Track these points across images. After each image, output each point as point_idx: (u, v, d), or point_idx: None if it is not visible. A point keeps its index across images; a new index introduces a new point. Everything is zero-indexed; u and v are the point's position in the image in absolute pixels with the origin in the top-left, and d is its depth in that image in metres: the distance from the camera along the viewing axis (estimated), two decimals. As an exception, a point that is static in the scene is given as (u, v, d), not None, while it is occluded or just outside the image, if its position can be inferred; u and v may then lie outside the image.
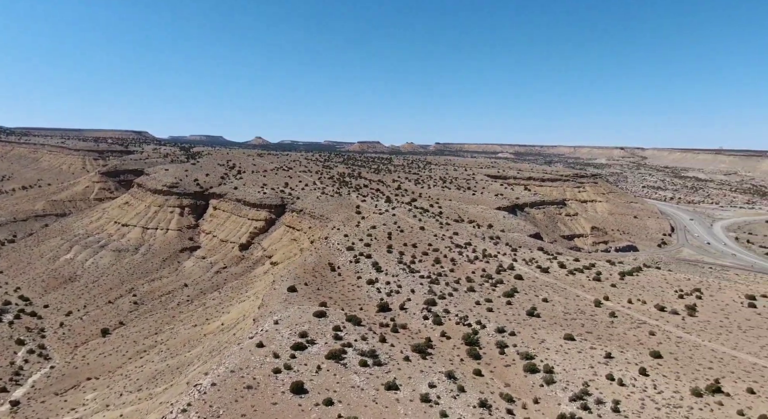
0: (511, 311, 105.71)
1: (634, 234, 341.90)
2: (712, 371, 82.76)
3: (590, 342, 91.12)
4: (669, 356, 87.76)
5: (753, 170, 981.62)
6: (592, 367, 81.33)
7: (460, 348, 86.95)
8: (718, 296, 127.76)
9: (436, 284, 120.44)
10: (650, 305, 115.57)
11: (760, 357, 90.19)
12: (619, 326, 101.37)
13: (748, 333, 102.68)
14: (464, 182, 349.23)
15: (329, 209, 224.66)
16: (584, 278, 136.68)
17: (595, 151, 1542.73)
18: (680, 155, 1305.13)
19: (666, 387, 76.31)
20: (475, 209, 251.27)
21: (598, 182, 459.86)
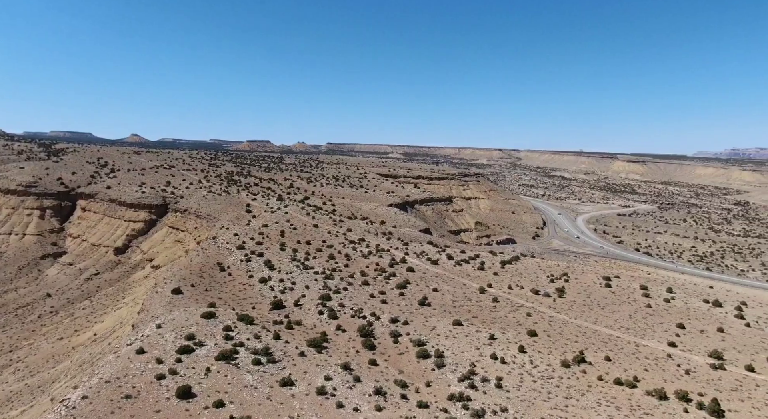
0: (404, 302, 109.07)
1: (512, 228, 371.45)
2: (578, 344, 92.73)
3: (476, 326, 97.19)
4: (543, 334, 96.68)
5: (607, 170, 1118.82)
6: (478, 349, 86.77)
7: (355, 340, 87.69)
8: (581, 279, 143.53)
9: (331, 279, 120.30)
10: (527, 290, 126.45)
11: (615, 329, 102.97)
12: (501, 310, 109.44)
13: (605, 309, 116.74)
14: (357, 181, 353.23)
15: (217, 209, 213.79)
16: (470, 268, 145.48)
17: (477, 152, 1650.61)
18: (549, 157, 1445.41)
19: (540, 361, 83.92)
20: (367, 206, 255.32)
21: (480, 181, 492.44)
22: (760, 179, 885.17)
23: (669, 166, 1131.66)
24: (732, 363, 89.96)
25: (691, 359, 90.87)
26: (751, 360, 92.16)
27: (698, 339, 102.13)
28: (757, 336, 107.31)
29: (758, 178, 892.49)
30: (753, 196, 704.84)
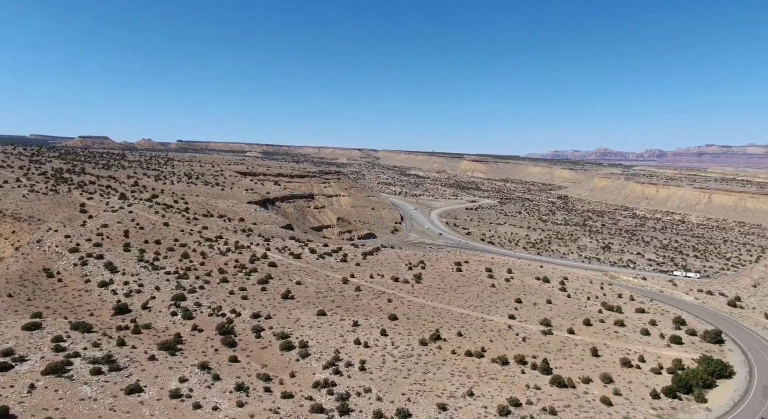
0: (267, 297, 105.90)
1: (373, 223, 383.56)
2: (434, 323, 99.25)
3: (340, 315, 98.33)
4: (403, 317, 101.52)
5: (456, 168, 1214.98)
6: (342, 336, 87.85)
7: (214, 338, 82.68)
8: (436, 265, 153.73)
9: (185, 278, 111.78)
10: (388, 278, 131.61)
11: (465, 308, 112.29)
12: (363, 298, 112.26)
13: (456, 291, 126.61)
14: (212, 178, 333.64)
15: (42, 209, 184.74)
16: (333, 260, 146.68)
17: (337, 151, 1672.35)
18: (405, 157, 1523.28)
19: (401, 341, 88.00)
20: (225, 203, 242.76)
21: (341, 179, 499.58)
22: (575, 176, 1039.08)
23: (507, 165, 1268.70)
24: (557, 328, 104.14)
25: (527, 328, 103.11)
26: (572, 324, 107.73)
27: (532, 310, 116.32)
28: (575, 304, 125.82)
29: (573, 175, 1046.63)
30: (570, 190, 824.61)
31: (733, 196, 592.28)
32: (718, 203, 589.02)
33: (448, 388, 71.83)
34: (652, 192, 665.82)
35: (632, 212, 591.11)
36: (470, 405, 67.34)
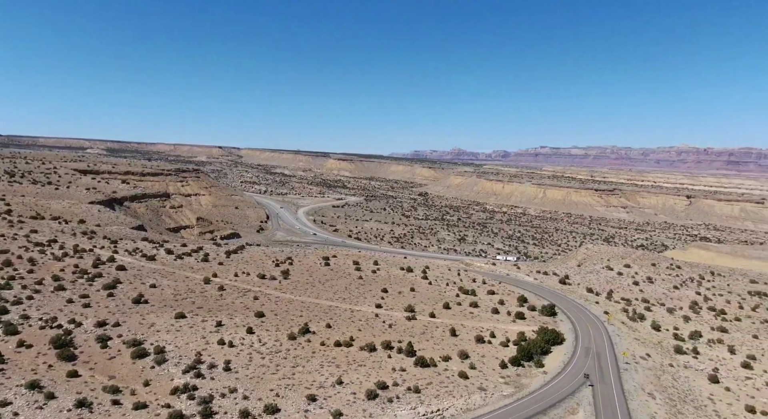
0: (115, 303, 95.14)
1: (237, 223, 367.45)
2: (302, 318, 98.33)
3: (201, 316, 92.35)
4: (270, 313, 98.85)
5: (322, 167, 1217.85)
6: (204, 338, 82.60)
7: (47, 353, 71.85)
8: (304, 261, 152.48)
9: (8, 289, 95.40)
10: (254, 276, 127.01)
11: (334, 300, 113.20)
12: (227, 297, 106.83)
13: (325, 284, 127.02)
14: (43, 177, 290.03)
15: None
16: (193, 260, 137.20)
17: (195, 149, 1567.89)
18: (270, 155, 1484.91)
19: (269, 338, 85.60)
20: (60, 204, 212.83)
21: (200, 177, 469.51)
22: (434, 174, 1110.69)
23: (371, 164, 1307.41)
24: (421, 313, 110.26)
25: (393, 315, 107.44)
26: (433, 308, 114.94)
27: (398, 298, 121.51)
28: (436, 290, 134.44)
29: (433, 173, 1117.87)
30: (430, 188, 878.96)
31: (562, 191, 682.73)
32: (551, 197, 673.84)
33: (318, 379, 71.73)
34: (499, 188, 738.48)
35: (483, 207, 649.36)
36: (339, 393, 68.03)
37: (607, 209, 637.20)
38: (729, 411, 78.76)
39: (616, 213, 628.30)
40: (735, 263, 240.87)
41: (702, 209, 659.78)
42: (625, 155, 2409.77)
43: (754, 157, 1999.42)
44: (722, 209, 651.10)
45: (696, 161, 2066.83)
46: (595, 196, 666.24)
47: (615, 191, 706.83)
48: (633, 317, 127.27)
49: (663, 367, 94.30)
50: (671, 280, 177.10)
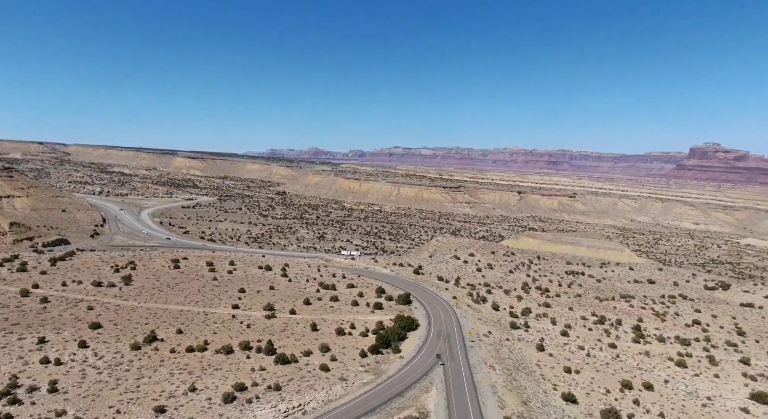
0: None
1: (65, 228, 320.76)
2: (149, 325, 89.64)
3: (18, 334, 78.76)
4: (109, 323, 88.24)
5: (168, 165, 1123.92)
6: (21, 358, 70.58)
7: None
8: (150, 265, 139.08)
9: None
10: (87, 284, 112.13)
11: (185, 305, 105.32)
12: (53, 309, 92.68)
13: (175, 288, 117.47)
14: None
15: None
16: (5, 271, 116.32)
17: (6, 145, 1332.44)
18: (105, 152, 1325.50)
19: (107, 351, 76.34)
20: None
21: (14, 177, 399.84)
22: (292, 173, 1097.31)
23: (224, 162, 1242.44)
24: (281, 311, 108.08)
25: (251, 315, 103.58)
26: (294, 305, 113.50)
27: (256, 298, 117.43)
28: (297, 287, 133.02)
29: (290, 172, 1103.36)
30: (288, 186, 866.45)
31: (415, 188, 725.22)
32: (404, 194, 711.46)
33: (168, 388, 65.99)
34: (357, 187, 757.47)
35: (341, 205, 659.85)
36: (193, 401, 63.46)
37: (454, 205, 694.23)
38: (552, 373, 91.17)
39: (462, 208, 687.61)
40: (555, 248, 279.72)
41: (530, 203, 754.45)
42: (467, 156, 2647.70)
43: (568, 158, 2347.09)
44: (545, 202, 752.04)
45: (524, 161, 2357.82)
46: (444, 193, 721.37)
47: (460, 188, 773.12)
48: (477, 299, 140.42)
49: (501, 342, 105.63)
50: (507, 265, 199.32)
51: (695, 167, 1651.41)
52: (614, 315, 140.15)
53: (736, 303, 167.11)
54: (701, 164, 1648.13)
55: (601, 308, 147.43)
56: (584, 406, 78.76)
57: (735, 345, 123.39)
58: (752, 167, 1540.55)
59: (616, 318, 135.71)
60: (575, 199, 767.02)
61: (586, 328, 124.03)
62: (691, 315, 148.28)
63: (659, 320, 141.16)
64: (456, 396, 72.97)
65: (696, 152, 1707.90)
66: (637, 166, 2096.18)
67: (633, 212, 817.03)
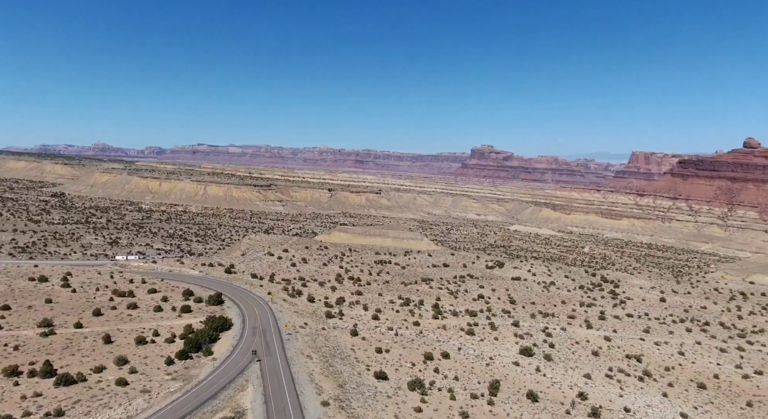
0: None
1: None
2: None
3: None
4: None
5: None
6: None
7: None
8: None
9: None
10: None
11: None
12: None
13: None
14: None
15: None
16: None
17: None
18: None
19: None
20: None
21: None
22: (72, 171, 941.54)
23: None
24: (63, 326, 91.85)
25: (20, 334, 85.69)
26: (80, 318, 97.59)
27: (27, 314, 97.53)
28: (83, 297, 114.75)
29: (70, 171, 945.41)
30: (68, 187, 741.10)
31: (223, 187, 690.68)
32: (212, 194, 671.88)
33: None
34: (156, 186, 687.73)
35: (138, 206, 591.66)
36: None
37: (266, 204, 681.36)
38: (365, 355, 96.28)
39: (274, 207, 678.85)
40: (365, 241, 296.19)
41: (340, 200, 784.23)
42: (278, 154, 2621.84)
43: (373, 157, 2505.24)
44: (354, 199, 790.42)
45: (334, 160, 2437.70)
46: (254, 191, 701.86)
47: (271, 186, 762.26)
48: (292, 293, 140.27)
49: (318, 331, 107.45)
50: (321, 259, 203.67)
51: (476, 166, 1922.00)
52: (417, 296, 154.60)
53: (509, 278, 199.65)
54: (480, 163, 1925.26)
55: (406, 292, 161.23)
56: (394, 381, 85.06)
57: (508, 311, 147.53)
58: (516, 166, 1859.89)
59: (419, 299, 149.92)
60: (381, 195, 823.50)
61: (394, 310, 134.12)
62: (477, 291, 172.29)
63: (453, 297, 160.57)
64: (273, 390, 71.68)
65: (476, 152, 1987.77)
66: (431, 165, 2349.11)
67: (429, 206, 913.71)
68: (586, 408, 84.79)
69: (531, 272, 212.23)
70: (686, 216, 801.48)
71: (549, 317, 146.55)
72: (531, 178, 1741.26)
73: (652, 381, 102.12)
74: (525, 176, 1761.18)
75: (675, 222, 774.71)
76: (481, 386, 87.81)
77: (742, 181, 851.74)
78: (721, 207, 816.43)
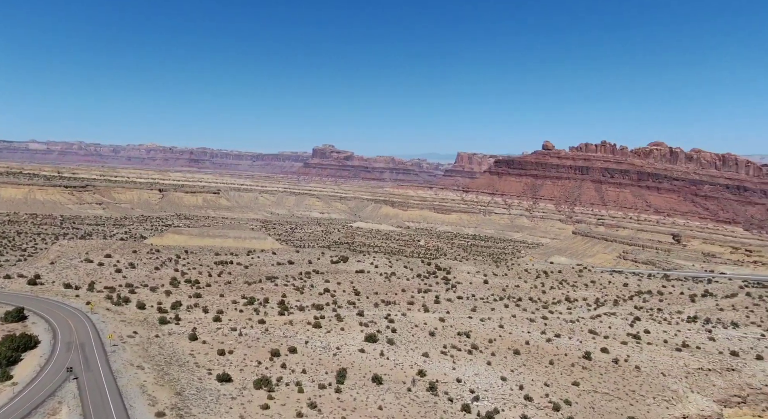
0: None
1: None
2: None
3: None
4: None
5: None
6: None
7: None
8: None
9: None
10: None
11: None
12: None
13: None
14: None
15: None
16: None
17: None
18: None
19: None
20: None
21: None
22: None
23: None
24: None
25: None
26: None
27: None
28: None
29: None
30: None
31: (23, 189, 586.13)
32: (7, 196, 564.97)
33: None
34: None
35: None
36: None
37: (81, 207, 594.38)
38: (206, 359, 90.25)
39: (92, 210, 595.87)
40: (203, 242, 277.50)
41: (173, 201, 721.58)
42: (95, 152, 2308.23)
43: (209, 156, 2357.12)
44: (189, 200, 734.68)
45: (164, 159, 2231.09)
46: (66, 193, 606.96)
47: (88, 187, 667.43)
48: (118, 301, 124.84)
49: (150, 339, 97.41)
50: (152, 263, 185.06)
51: (318, 165, 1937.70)
52: (262, 294, 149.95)
53: (353, 271, 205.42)
54: (322, 162, 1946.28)
55: (251, 291, 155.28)
56: (238, 381, 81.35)
57: (353, 302, 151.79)
58: (357, 166, 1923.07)
59: (264, 297, 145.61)
60: (220, 195, 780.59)
61: (237, 310, 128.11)
62: (323, 285, 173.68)
63: (299, 293, 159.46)
64: (95, 408, 63.05)
65: (317, 152, 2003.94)
66: (273, 164, 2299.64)
67: (272, 205, 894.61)
68: (425, 383, 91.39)
69: (374, 265, 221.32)
70: (502, 209, 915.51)
71: (391, 305, 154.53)
72: (371, 177, 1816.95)
73: (479, 353, 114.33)
74: (365, 175, 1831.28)
75: (494, 215, 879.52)
76: (329, 375, 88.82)
77: (542, 178, 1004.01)
78: (528, 201, 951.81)
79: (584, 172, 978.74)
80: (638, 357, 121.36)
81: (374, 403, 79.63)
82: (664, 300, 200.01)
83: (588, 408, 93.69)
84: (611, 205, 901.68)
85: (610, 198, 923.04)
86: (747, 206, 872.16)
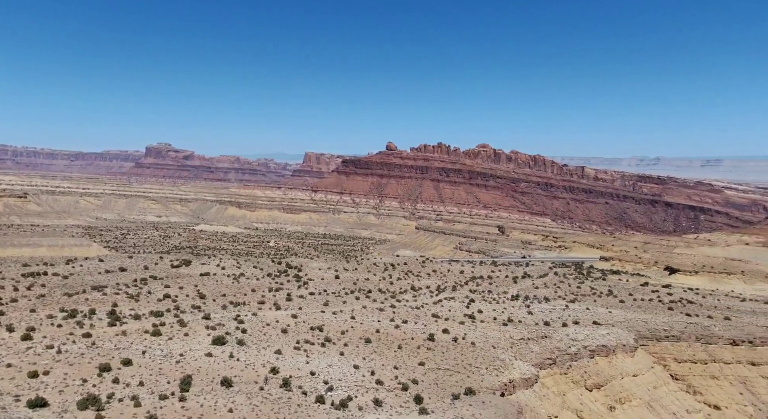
0: None
1: None
2: None
3: None
4: None
5: None
6: None
7: None
8: None
9: None
10: None
11: None
12: None
13: None
14: None
15: None
16: None
17: None
18: None
19: None
20: None
21: None
22: None
23: None
24: None
25: None
26: None
27: None
28: None
29: None
30: None
31: None
32: None
33: None
34: None
35: None
36: None
37: None
38: (12, 384, 76.40)
39: None
40: (6, 253, 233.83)
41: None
42: None
43: (12, 154, 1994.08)
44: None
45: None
46: None
47: None
48: None
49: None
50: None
51: (153, 165, 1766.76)
52: (87, 306, 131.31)
53: (197, 275, 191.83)
54: (157, 162, 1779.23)
55: (72, 303, 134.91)
56: (57, 405, 70.47)
57: (198, 306, 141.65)
58: (197, 165, 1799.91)
59: (89, 308, 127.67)
60: (27, 200, 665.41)
61: (55, 325, 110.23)
62: (162, 291, 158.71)
63: (134, 301, 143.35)
64: None
65: (152, 151, 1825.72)
66: (97, 164, 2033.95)
67: (97, 209, 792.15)
68: (278, 380, 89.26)
69: (220, 267, 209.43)
70: (350, 208, 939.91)
71: (240, 305, 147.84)
72: (214, 177, 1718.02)
73: (332, 345, 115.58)
74: (208, 176, 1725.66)
75: (343, 214, 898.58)
76: (171, 385, 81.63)
77: (387, 177, 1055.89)
78: (375, 199, 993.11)
79: (424, 171, 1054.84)
80: (473, 334, 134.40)
81: (224, 407, 75.35)
82: (493, 283, 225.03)
83: (433, 385, 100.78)
84: (448, 202, 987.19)
85: (447, 196, 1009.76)
86: (553, 200, 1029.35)
